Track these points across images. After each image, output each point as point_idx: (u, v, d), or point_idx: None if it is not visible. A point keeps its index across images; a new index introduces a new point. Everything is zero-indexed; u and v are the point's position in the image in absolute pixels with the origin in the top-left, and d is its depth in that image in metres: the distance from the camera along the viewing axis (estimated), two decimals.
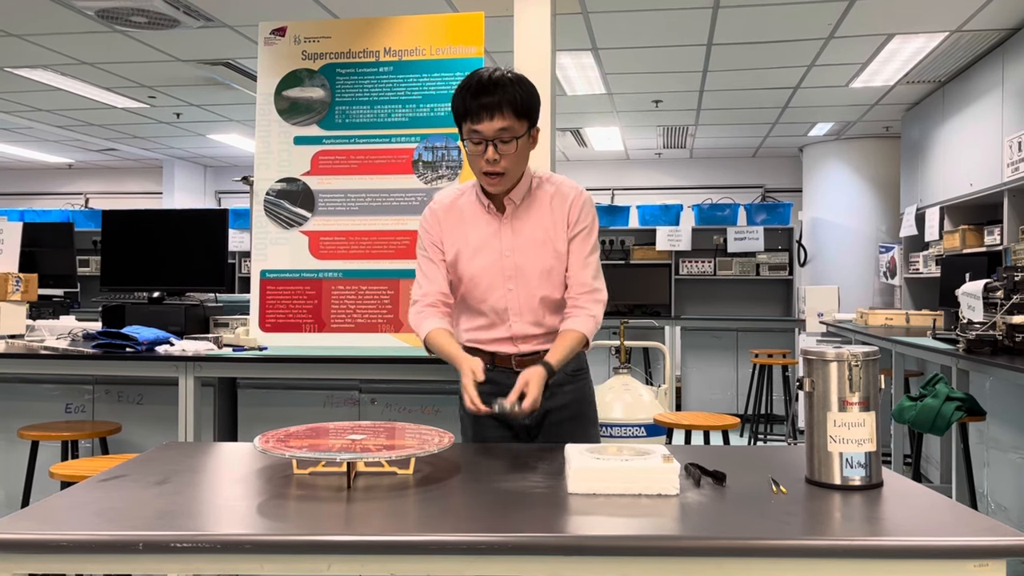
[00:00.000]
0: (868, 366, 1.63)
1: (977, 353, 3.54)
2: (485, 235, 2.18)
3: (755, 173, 9.61)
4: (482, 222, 2.19)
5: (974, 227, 5.69)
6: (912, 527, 1.43)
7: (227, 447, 2.07)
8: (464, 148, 2.12)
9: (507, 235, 2.17)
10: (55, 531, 1.35)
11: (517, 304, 2.18)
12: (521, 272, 2.16)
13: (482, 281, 2.18)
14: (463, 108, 2.05)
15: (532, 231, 2.16)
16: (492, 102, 2.01)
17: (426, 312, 2.20)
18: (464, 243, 2.19)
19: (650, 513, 1.48)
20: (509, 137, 2.04)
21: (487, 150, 2.04)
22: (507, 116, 2.02)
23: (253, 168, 3.68)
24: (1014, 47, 5.09)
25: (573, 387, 2.27)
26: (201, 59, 5.82)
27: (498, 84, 2.02)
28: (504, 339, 2.21)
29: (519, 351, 2.21)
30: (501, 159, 2.05)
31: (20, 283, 3.78)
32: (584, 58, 5.66)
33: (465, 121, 2.06)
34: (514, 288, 2.17)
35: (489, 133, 2.03)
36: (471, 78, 2.07)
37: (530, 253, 2.16)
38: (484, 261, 2.17)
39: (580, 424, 2.26)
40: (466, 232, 2.19)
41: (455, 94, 2.08)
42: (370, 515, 1.49)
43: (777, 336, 7.94)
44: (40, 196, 10.76)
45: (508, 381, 2.05)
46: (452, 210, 2.22)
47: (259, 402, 3.49)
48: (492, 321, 2.21)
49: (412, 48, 3.61)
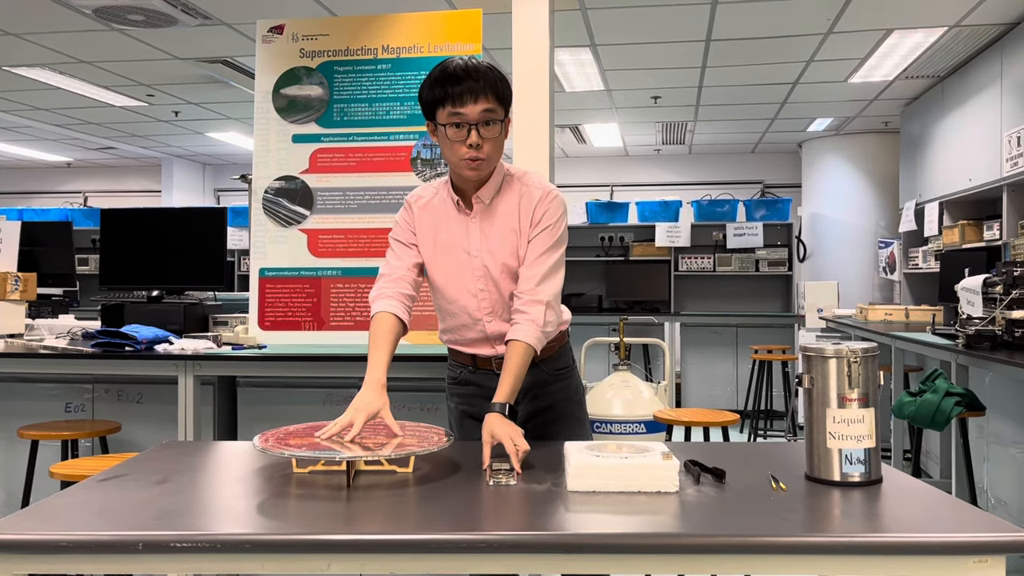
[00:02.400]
0: (867, 362, 1.63)
1: (976, 348, 3.54)
2: (454, 235, 2.13)
3: (754, 169, 9.60)
4: (452, 221, 2.13)
5: (973, 222, 5.69)
6: (912, 523, 1.43)
7: (227, 446, 2.07)
8: (437, 139, 2.06)
9: (475, 234, 2.11)
10: (55, 531, 1.35)
11: (489, 304, 2.13)
12: (489, 273, 2.10)
13: (452, 282, 2.14)
14: (441, 94, 1.98)
15: (500, 231, 2.10)
16: (476, 87, 1.97)
17: (385, 290, 2.14)
18: (433, 242, 2.14)
19: (650, 511, 1.48)
20: (493, 119, 2.00)
21: (470, 134, 1.99)
22: (490, 99, 1.99)
23: (252, 166, 3.68)
24: (1013, 42, 5.08)
25: (558, 386, 2.22)
26: (199, 57, 5.81)
27: (478, 69, 1.99)
28: (480, 340, 2.17)
29: (497, 352, 2.15)
30: (484, 143, 2.00)
31: (19, 282, 3.77)
32: (583, 54, 5.66)
33: (443, 107, 1.99)
34: (484, 288, 2.11)
35: (473, 116, 1.97)
36: (445, 66, 2.01)
37: (497, 253, 2.10)
38: (453, 262, 2.13)
39: (568, 425, 2.21)
40: (437, 231, 2.14)
41: (426, 85, 2.02)
42: (370, 514, 1.49)
43: (777, 332, 7.94)
44: (39, 195, 10.75)
45: (491, 383, 2.01)
46: (427, 208, 2.17)
47: (259, 400, 3.49)
48: (466, 322, 2.16)
49: (410, 45, 3.60)
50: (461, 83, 1.97)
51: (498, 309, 2.13)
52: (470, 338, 2.19)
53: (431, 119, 2.05)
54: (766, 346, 7.01)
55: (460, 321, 2.17)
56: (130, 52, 5.66)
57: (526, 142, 3.96)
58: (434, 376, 3.23)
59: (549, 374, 2.20)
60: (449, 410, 2.34)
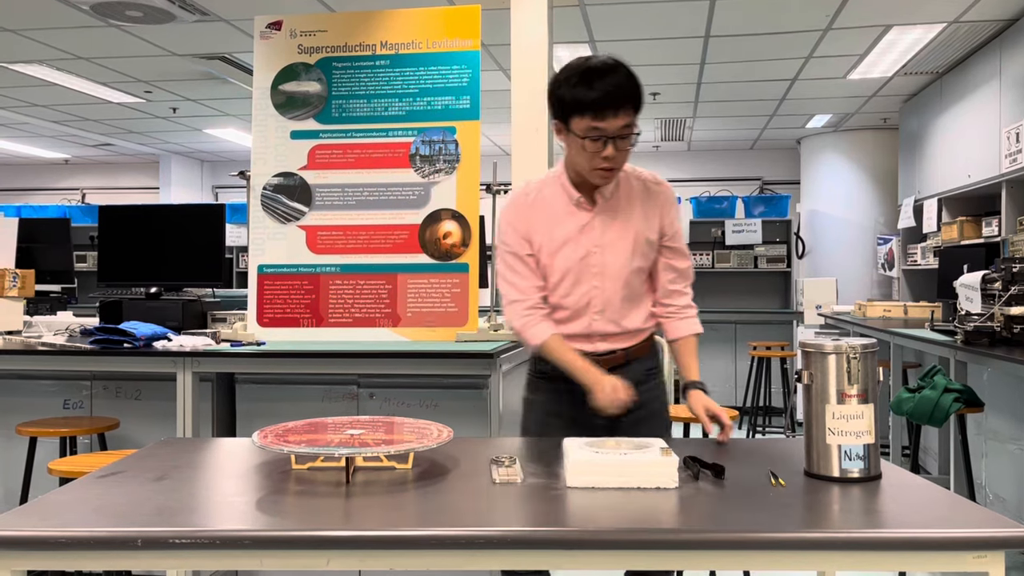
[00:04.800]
0: (866, 358, 1.63)
1: (975, 344, 3.54)
2: (571, 230, 2.10)
3: (753, 165, 9.60)
4: (568, 216, 2.10)
5: (972, 218, 5.69)
6: (911, 519, 1.43)
7: (225, 443, 2.07)
8: (564, 139, 2.01)
9: (596, 231, 2.09)
10: (54, 527, 1.35)
11: (600, 301, 2.12)
12: (608, 269, 2.10)
13: (567, 277, 2.11)
14: (582, 103, 1.92)
15: (622, 228, 2.09)
16: (619, 101, 1.91)
17: (534, 316, 2.11)
18: (548, 238, 2.10)
19: (649, 507, 1.48)
20: (630, 133, 1.97)
21: (606, 147, 1.95)
22: (631, 113, 1.94)
23: (250, 163, 3.67)
24: (1012, 38, 5.08)
25: (649, 385, 2.20)
26: (197, 53, 5.80)
27: (620, 86, 1.92)
28: (581, 336, 2.15)
29: (596, 349, 2.14)
30: (618, 155, 1.97)
31: (17, 279, 3.77)
32: (581, 51, 5.65)
33: (582, 116, 1.94)
34: (599, 285, 2.11)
35: (612, 131, 1.93)
36: (589, 72, 1.93)
37: (619, 251, 2.10)
38: (570, 257, 2.10)
39: (656, 426, 2.17)
40: (551, 226, 2.11)
41: (565, 86, 1.96)
42: (369, 510, 1.49)
43: (775, 328, 7.94)
44: (37, 192, 10.73)
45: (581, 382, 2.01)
46: (539, 204, 2.13)
47: (257, 397, 3.49)
48: (571, 316, 2.14)
49: (408, 41, 3.60)
50: (605, 96, 1.91)
51: (607, 308, 2.13)
52: (571, 332, 2.15)
53: (562, 120, 2.00)
54: (765, 343, 7.01)
55: (565, 313, 2.15)
56: (128, 48, 5.65)
57: (525, 139, 3.96)
58: (435, 373, 3.24)
59: (642, 373, 2.18)
60: (527, 404, 2.27)
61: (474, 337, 3.34)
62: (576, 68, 1.97)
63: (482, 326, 3.40)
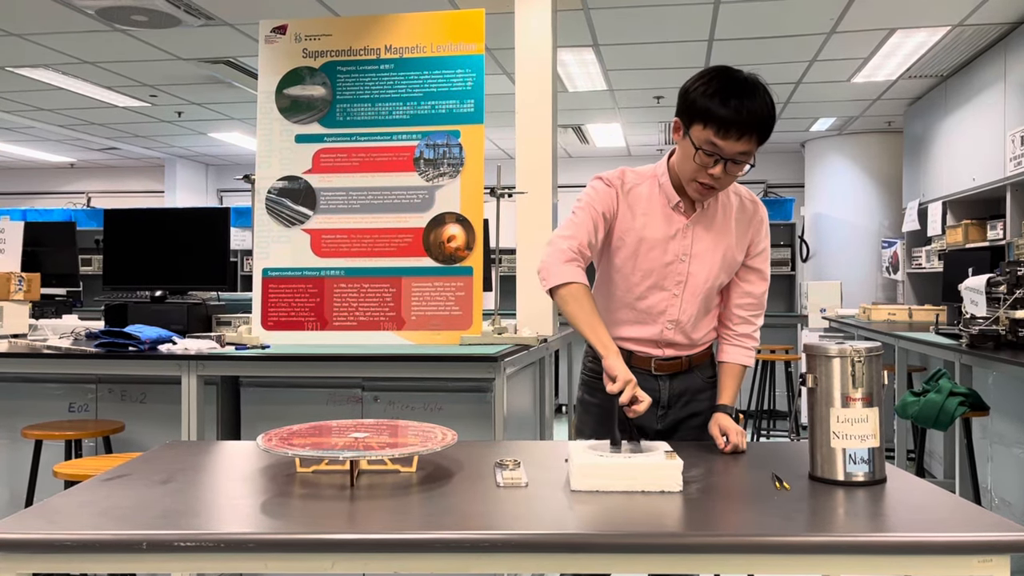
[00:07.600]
0: (871, 362, 1.63)
1: (980, 348, 3.53)
2: (663, 233, 2.03)
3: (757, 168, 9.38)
4: (662, 219, 2.03)
5: (977, 222, 5.69)
6: (916, 523, 1.43)
7: (230, 446, 2.07)
8: (679, 139, 1.96)
9: (687, 239, 2.03)
10: (59, 531, 1.35)
11: (677, 310, 2.06)
12: (691, 280, 2.05)
13: (648, 279, 2.05)
14: (710, 114, 1.85)
15: (714, 241, 2.04)
16: (747, 126, 1.85)
17: (570, 258, 1.95)
18: (638, 235, 2.03)
19: (653, 510, 1.48)
20: (745, 161, 1.92)
21: (716, 166, 1.89)
22: (753, 142, 1.88)
23: (255, 166, 3.68)
24: (1016, 41, 5.07)
25: (709, 393, 2.14)
26: (202, 57, 5.82)
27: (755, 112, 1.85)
28: (649, 340, 2.09)
29: (663, 355, 2.10)
30: (725, 177, 1.93)
31: (23, 282, 3.78)
32: (585, 54, 5.65)
33: (705, 126, 1.87)
34: (679, 294, 2.05)
35: (729, 153, 1.87)
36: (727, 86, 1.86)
37: (707, 263, 2.04)
38: (657, 260, 2.04)
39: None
40: (643, 223, 2.03)
41: (701, 90, 1.88)
42: (373, 513, 1.49)
43: (780, 332, 7.93)
44: (42, 195, 10.77)
45: (644, 384, 1.86)
46: (635, 195, 2.05)
47: (262, 400, 3.49)
48: (642, 319, 2.09)
49: (413, 45, 3.60)
50: (735, 117, 1.84)
51: (683, 317, 2.07)
52: (639, 336, 2.10)
53: (684, 121, 1.94)
54: (769, 346, 7.00)
55: (636, 315, 2.09)
56: (133, 53, 5.67)
57: (529, 142, 3.97)
58: (439, 376, 3.24)
59: (703, 380, 2.15)
60: (583, 405, 2.21)
61: (478, 340, 3.35)
62: (716, 76, 1.90)
63: (486, 329, 3.40)
